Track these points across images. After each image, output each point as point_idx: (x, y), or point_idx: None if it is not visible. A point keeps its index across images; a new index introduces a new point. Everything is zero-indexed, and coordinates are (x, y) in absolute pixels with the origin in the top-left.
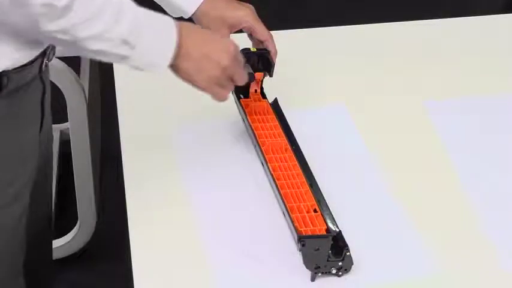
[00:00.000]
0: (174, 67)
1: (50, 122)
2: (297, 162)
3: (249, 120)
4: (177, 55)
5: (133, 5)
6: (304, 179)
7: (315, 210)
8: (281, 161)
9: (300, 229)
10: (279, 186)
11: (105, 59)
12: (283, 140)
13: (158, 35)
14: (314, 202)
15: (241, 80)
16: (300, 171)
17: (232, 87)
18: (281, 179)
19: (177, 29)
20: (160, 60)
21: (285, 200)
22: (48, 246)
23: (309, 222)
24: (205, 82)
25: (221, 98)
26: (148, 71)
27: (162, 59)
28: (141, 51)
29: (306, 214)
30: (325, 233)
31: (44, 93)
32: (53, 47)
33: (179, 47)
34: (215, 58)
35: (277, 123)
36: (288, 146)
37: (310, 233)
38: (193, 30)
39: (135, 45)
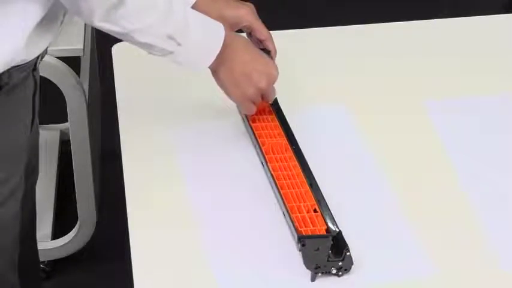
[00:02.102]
0: (214, 72)
1: (37, 119)
2: (297, 162)
3: (249, 120)
4: (219, 64)
5: (184, 5)
6: (304, 179)
7: (315, 210)
8: (281, 161)
9: (300, 229)
10: (279, 186)
11: (151, 52)
12: (283, 140)
13: (205, 39)
14: (314, 202)
15: (270, 100)
16: (300, 171)
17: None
18: (281, 179)
19: (225, 38)
20: (200, 63)
21: (285, 200)
22: (35, 242)
23: (309, 222)
24: (238, 97)
25: (250, 112)
26: (188, 68)
27: (203, 62)
28: (186, 49)
29: (306, 214)
30: (325, 233)
31: (35, 91)
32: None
33: (223, 57)
34: (255, 79)
35: (277, 123)
36: (288, 146)
37: (310, 233)
38: (243, 46)
39: (181, 42)
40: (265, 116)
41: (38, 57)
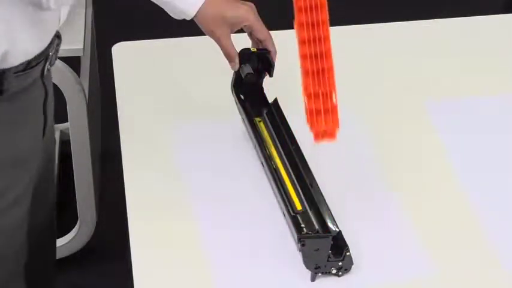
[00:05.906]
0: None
1: (52, 127)
2: (330, 46)
3: None
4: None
5: None
6: (330, 52)
7: (329, 95)
8: (313, 44)
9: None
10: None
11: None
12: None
13: None
14: (334, 87)
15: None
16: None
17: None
18: (306, 56)
19: None
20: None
21: (305, 80)
22: (51, 248)
23: (322, 117)
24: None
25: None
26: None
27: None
28: None
29: (321, 106)
30: (325, 233)
31: (46, 98)
32: (56, 51)
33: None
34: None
35: None
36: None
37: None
38: None
39: None
40: None
41: (44, 65)
